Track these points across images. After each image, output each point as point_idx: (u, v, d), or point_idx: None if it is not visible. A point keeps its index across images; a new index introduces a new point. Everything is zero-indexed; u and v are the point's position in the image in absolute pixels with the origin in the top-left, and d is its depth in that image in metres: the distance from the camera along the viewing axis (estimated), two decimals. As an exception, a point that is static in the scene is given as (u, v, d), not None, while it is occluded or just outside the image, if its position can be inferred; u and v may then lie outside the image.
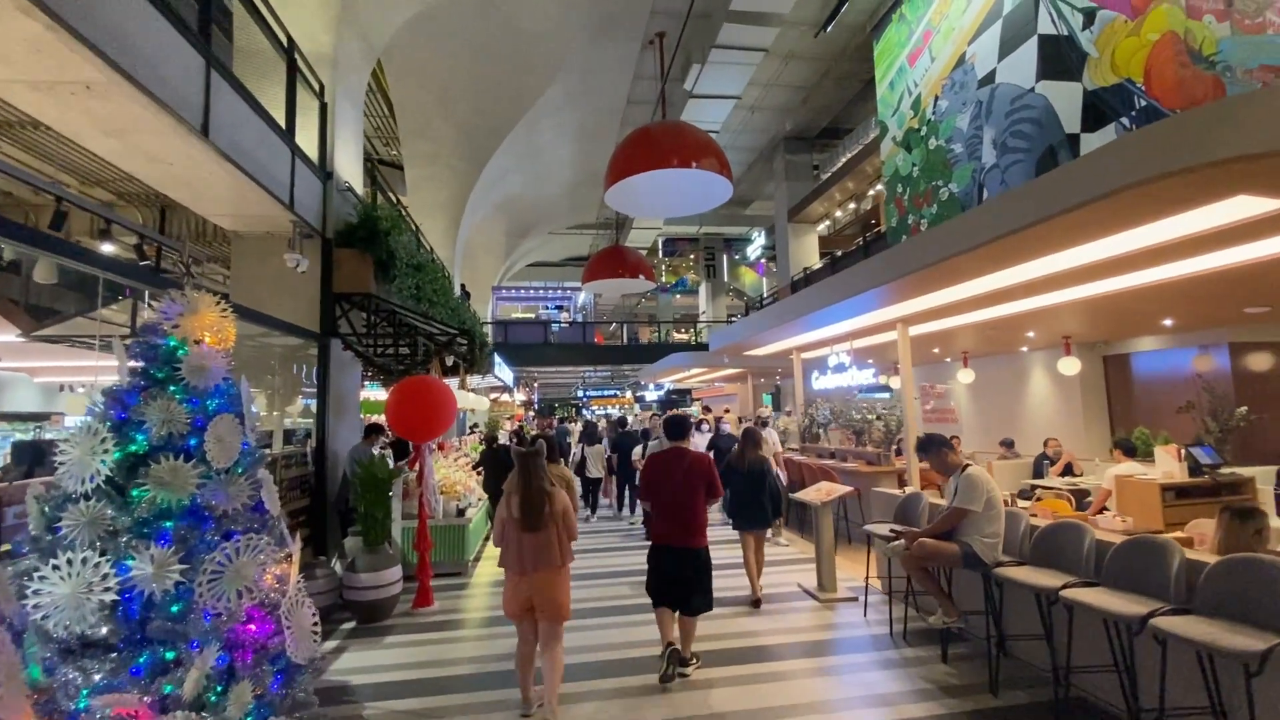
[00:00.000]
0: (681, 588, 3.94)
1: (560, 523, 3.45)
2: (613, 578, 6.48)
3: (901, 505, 5.12)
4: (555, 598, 3.38)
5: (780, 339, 9.48)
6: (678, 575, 3.94)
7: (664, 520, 4.04)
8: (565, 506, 3.50)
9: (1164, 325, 6.76)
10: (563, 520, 3.46)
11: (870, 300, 6.71)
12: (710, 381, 20.52)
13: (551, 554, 3.37)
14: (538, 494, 3.39)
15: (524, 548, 3.36)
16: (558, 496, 3.48)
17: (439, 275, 9.03)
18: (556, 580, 3.40)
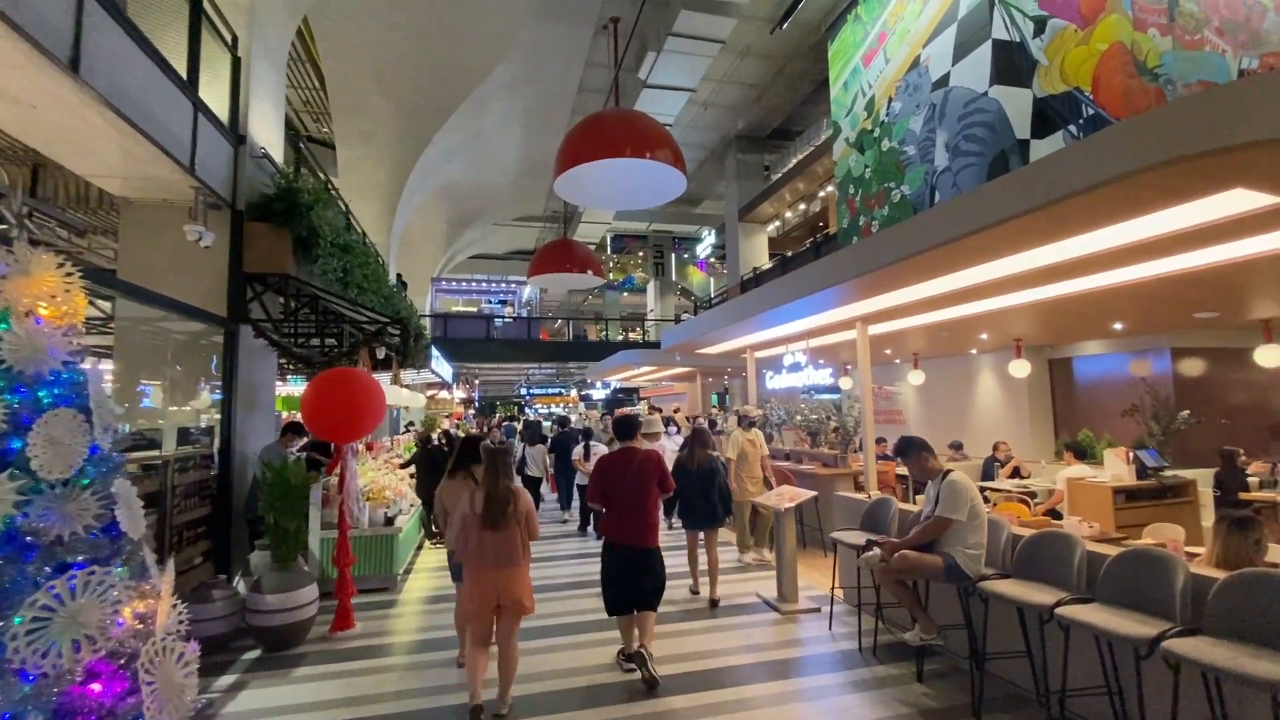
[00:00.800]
0: (639, 586, 3.96)
1: (523, 522, 3.51)
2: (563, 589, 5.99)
3: (869, 511, 4.86)
4: (519, 594, 3.44)
5: (736, 337, 9.20)
6: (635, 575, 3.96)
7: (619, 520, 4.02)
8: (529, 507, 3.57)
9: (1114, 329, 6.85)
10: (526, 520, 3.52)
11: (830, 298, 6.47)
12: (658, 380, 20.21)
13: (514, 552, 3.43)
14: (504, 492, 3.44)
15: (485, 545, 3.39)
16: (522, 496, 3.54)
17: (370, 259, 8.28)
18: (519, 576, 3.47)
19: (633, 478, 3.99)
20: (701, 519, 5.63)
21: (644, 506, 3.98)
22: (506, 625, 3.50)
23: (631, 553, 3.97)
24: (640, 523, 3.97)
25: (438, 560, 7.37)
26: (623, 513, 4.00)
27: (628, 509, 3.98)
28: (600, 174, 3.87)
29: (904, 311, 6.72)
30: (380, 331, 6.19)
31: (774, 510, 5.46)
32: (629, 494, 3.98)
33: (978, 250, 4.35)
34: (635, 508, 3.98)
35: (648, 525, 3.99)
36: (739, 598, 5.63)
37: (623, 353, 16.44)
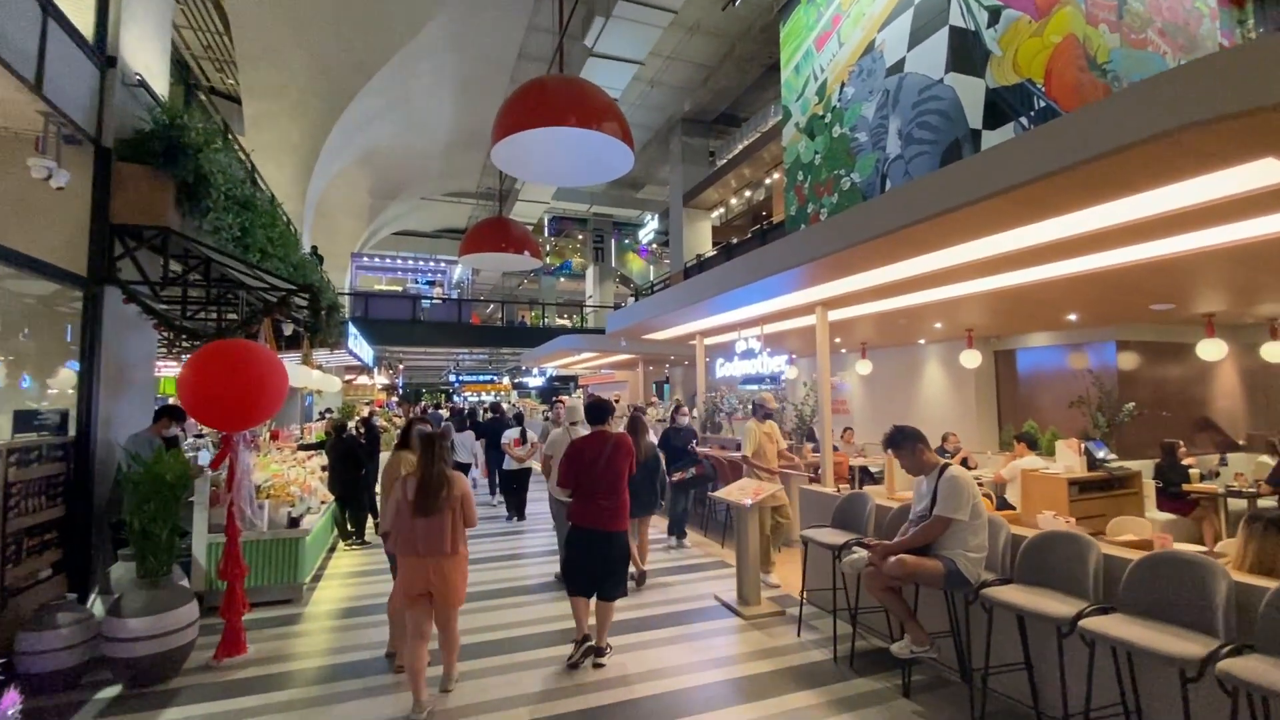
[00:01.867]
0: (602, 573, 3.94)
1: (458, 508, 3.40)
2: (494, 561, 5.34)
3: (842, 507, 4.48)
4: (452, 582, 3.35)
5: (687, 321, 8.73)
6: (601, 560, 3.94)
7: (592, 504, 3.96)
8: (465, 492, 3.44)
9: (1068, 320, 6.83)
10: (461, 506, 3.41)
11: (793, 280, 6.09)
12: (598, 368, 19.59)
13: (444, 540, 3.32)
14: (438, 478, 3.34)
15: (417, 533, 3.30)
16: (457, 482, 3.43)
17: (277, 221, 7.22)
18: (453, 565, 3.36)
19: (606, 462, 3.97)
20: (645, 506, 5.79)
21: (616, 491, 3.98)
22: (442, 615, 3.45)
23: (599, 536, 3.94)
24: (611, 507, 3.96)
25: (353, 563, 6.52)
26: (594, 496, 3.96)
27: (600, 493, 3.96)
28: (542, 143, 3.46)
29: (867, 296, 6.43)
30: (284, 301, 5.26)
31: (737, 506, 5.01)
32: (602, 478, 3.95)
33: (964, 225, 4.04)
34: (607, 491, 3.96)
35: (618, 509, 3.99)
36: (695, 600, 5.16)
37: (563, 338, 15.71)
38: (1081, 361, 8.07)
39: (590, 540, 3.94)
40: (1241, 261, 4.58)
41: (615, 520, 3.95)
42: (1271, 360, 6.82)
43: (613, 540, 3.96)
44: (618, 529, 3.97)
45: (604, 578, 3.95)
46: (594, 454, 3.98)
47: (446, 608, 3.40)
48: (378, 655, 4.14)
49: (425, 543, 3.28)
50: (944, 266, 5.23)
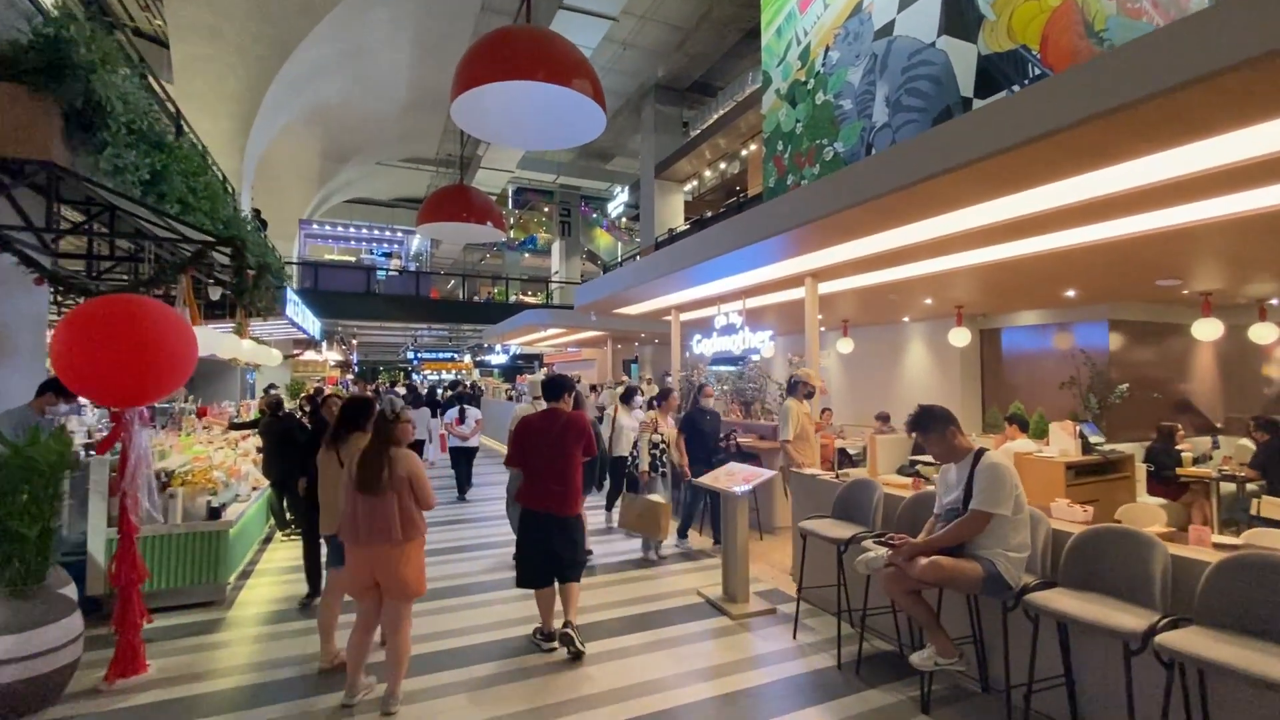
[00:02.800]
0: (559, 557, 3.72)
1: (405, 489, 3.02)
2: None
3: (844, 496, 4.02)
4: (399, 573, 2.99)
5: (662, 294, 8.16)
6: (555, 544, 3.71)
7: (540, 486, 3.74)
8: (413, 471, 3.05)
9: (1066, 296, 6.53)
10: (409, 487, 3.03)
11: (780, 247, 5.59)
12: (564, 346, 18.90)
13: (389, 526, 2.96)
14: (378, 454, 3.00)
15: (359, 514, 2.98)
16: (403, 460, 3.04)
17: (204, 169, 6.32)
18: (399, 555, 2.99)
19: (555, 441, 3.74)
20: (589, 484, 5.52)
21: (566, 471, 3.74)
22: (392, 610, 3.05)
23: (551, 520, 3.72)
24: (561, 488, 3.73)
25: (291, 556, 5.81)
26: (543, 478, 3.73)
27: (548, 474, 3.73)
28: (506, 100, 3.15)
29: (860, 267, 5.99)
30: (201, 255, 4.47)
31: (724, 494, 4.51)
32: (550, 458, 3.73)
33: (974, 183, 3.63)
34: (556, 472, 3.73)
35: (569, 491, 3.75)
36: (677, 597, 4.67)
37: (528, 312, 14.97)
38: (1067, 342, 7.84)
39: (542, 525, 3.72)
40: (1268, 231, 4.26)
41: (565, 504, 3.74)
42: (1260, 342, 6.67)
43: (566, 525, 3.75)
44: (569, 514, 3.76)
45: (564, 566, 3.74)
46: (542, 433, 3.75)
47: (396, 602, 3.03)
48: (311, 671, 3.51)
49: (366, 528, 2.96)
50: (945, 234, 4.81)
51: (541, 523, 3.73)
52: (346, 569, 3.09)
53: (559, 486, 3.73)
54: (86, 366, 3.04)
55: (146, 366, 3.13)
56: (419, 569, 3.09)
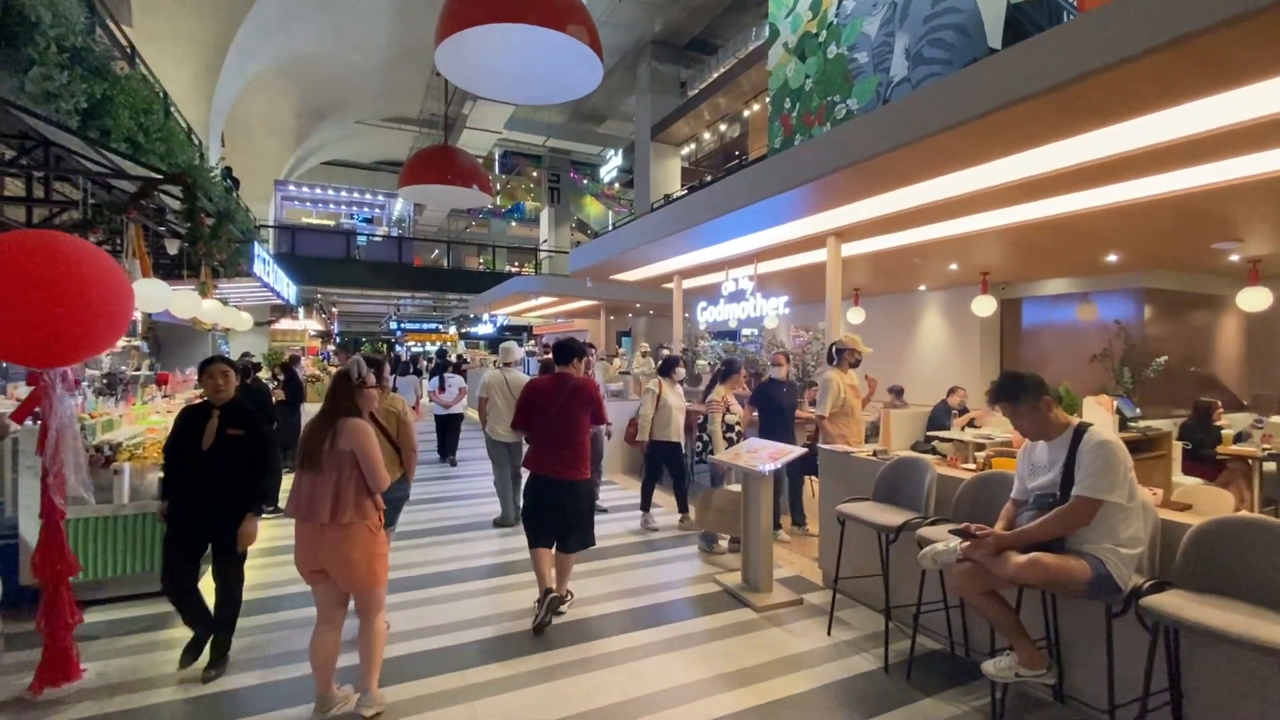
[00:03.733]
0: (561, 523, 3.67)
1: (347, 467, 2.58)
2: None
3: (887, 475, 3.56)
4: (345, 561, 2.54)
5: (664, 258, 7.60)
6: (557, 509, 3.65)
7: (543, 450, 3.67)
8: (361, 446, 2.60)
9: (1107, 262, 6.08)
10: (358, 460, 2.59)
11: (800, 203, 5.05)
12: (554, 317, 18.27)
13: (324, 504, 2.53)
14: (319, 420, 2.64)
15: (301, 490, 2.60)
16: (348, 431, 2.59)
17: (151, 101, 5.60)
18: (343, 538, 2.55)
19: (563, 406, 3.63)
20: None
21: (574, 437, 3.66)
22: (360, 604, 2.67)
23: (557, 486, 3.63)
24: (569, 454, 3.64)
25: (262, 537, 5.27)
26: (550, 443, 3.65)
27: (555, 439, 3.64)
28: (494, 45, 2.85)
29: (887, 225, 5.48)
30: (144, 194, 3.83)
31: (748, 473, 4.03)
32: (558, 423, 3.63)
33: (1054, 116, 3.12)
34: (563, 438, 3.63)
35: (577, 457, 3.67)
36: (690, 584, 4.23)
37: (517, 279, 14.32)
38: (1090, 313, 7.42)
39: (548, 489, 3.64)
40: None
41: (573, 468, 3.64)
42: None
43: (574, 490, 3.66)
44: (578, 478, 3.65)
45: (567, 531, 3.67)
46: (548, 396, 3.64)
47: (355, 594, 2.64)
48: (280, 678, 3.01)
49: (307, 505, 2.57)
50: (994, 185, 4.30)
51: (546, 487, 3.64)
52: (295, 546, 2.64)
53: (569, 451, 3.63)
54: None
55: (66, 319, 2.54)
56: (370, 556, 2.60)
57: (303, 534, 2.59)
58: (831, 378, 4.83)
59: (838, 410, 4.80)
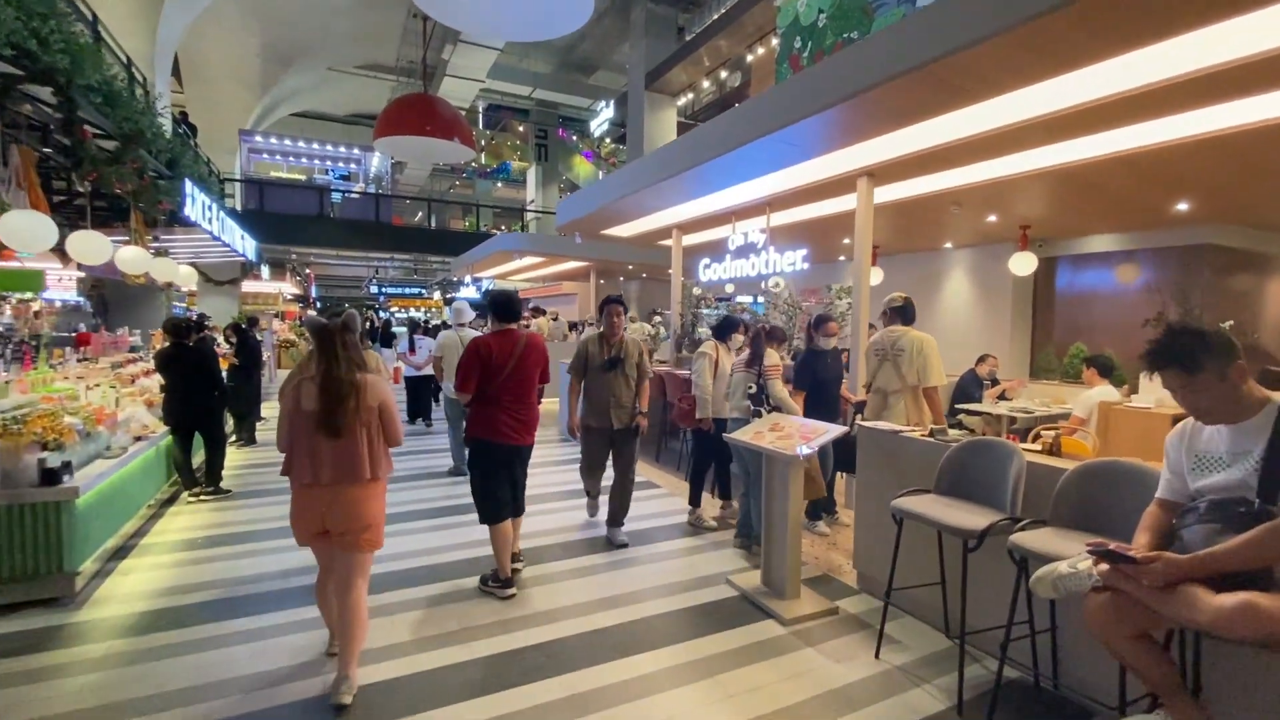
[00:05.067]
0: (519, 490, 3.59)
1: (374, 424, 2.54)
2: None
3: (955, 462, 2.83)
4: (358, 518, 2.47)
5: (663, 206, 6.76)
6: (517, 476, 3.56)
7: (500, 414, 3.38)
8: (384, 401, 2.56)
9: (1176, 211, 5.32)
10: (379, 420, 2.56)
11: (828, 131, 4.22)
12: (541, 280, 17.35)
13: (357, 464, 2.47)
14: (342, 385, 2.45)
15: (320, 454, 2.46)
16: (371, 387, 2.52)
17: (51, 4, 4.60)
18: (363, 496, 2.50)
19: (517, 366, 3.44)
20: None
21: (529, 398, 3.52)
22: (346, 563, 2.52)
23: (514, 453, 3.49)
24: (526, 416, 3.50)
25: (195, 524, 4.51)
26: (504, 406, 3.41)
27: (512, 401, 3.43)
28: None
29: (929, 164, 4.67)
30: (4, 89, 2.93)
31: (775, 457, 3.30)
32: (509, 384, 3.42)
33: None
34: (516, 400, 3.45)
35: (534, 419, 3.57)
36: (696, 586, 3.53)
37: (501, 237, 13.35)
38: (1131, 274, 6.70)
39: (504, 457, 3.44)
40: None
41: (531, 432, 3.53)
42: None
43: (524, 456, 3.58)
44: (527, 442, 3.54)
45: (520, 496, 3.61)
46: (502, 357, 3.39)
47: (350, 552, 2.51)
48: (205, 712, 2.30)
49: (330, 468, 2.46)
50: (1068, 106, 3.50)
51: (503, 455, 3.43)
52: (294, 512, 2.54)
53: (525, 414, 3.47)
54: None
55: None
56: (381, 514, 2.59)
57: (312, 498, 2.48)
58: (932, 339, 3.98)
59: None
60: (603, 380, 4.12)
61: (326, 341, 2.49)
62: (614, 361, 4.13)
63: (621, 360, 4.14)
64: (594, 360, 4.16)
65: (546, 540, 4.26)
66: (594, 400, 4.16)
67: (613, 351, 4.16)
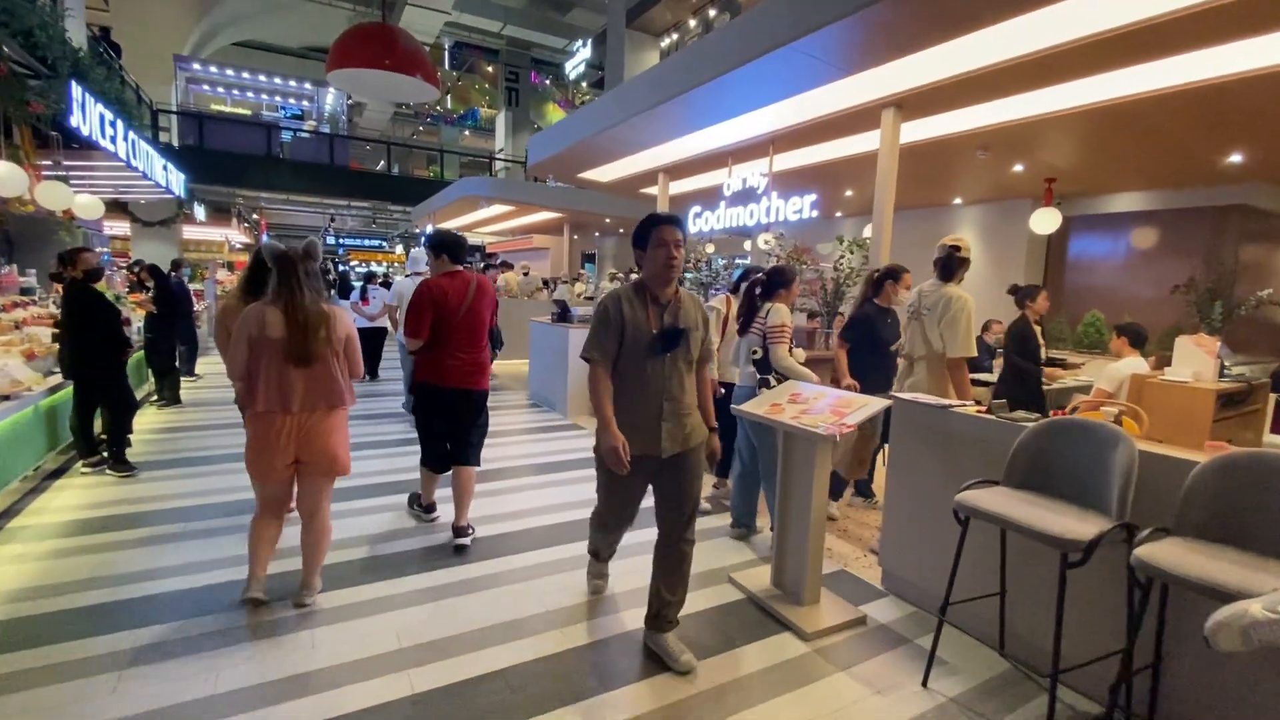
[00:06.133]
0: (463, 439, 3.32)
1: (341, 353, 2.60)
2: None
3: (1032, 449, 2.25)
4: (331, 447, 2.58)
5: (650, 143, 5.98)
6: (466, 425, 3.32)
7: (451, 359, 3.19)
8: (349, 331, 2.64)
9: (1227, 163, 4.78)
10: (346, 350, 2.62)
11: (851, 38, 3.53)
12: (512, 233, 16.33)
13: (334, 391, 2.55)
14: (311, 314, 2.47)
15: (291, 383, 2.47)
16: (339, 318, 2.59)
17: None
18: (336, 424, 2.60)
19: (471, 308, 3.21)
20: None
21: (481, 341, 3.30)
22: (314, 489, 2.62)
23: (466, 398, 3.26)
24: (474, 361, 3.26)
25: (86, 502, 3.72)
26: (451, 348, 3.19)
27: (464, 344, 3.22)
28: None
29: (964, 93, 4.01)
30: None
31: (799, 435, 2.68)
32: (462, 327, 3.19)
33: None
34: (468, 343, 3.23)
35: (486, 362, 3.34)
36: (697, 589, 2.94)
37: (464, 181, 12.31)
38: (1149, 238, 6.22)
39: (453, 403, 3.26)
40: None
41: (484, 376, 3.35)
42: None
43: (474, 400, 3.33)
44: (480, 387, 3.33)
45: (465, 445, 3.35)
46: (456, 299, 3.19)
47: (324, 477, 2.61)
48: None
49: (303, 396, 2.47)
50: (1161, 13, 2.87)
51: (452, 401, 3.23)
52: (254, 442, 2.52)
53: (469, 357, 3.24)
54: None
55: None
56: (347, 441, 2.69)
57: (284, 427, 2.48)
58: (967, 299, 3.31)
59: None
60: (647, 369, 2.26)
61: (289, 268, 2.46)
62: (672, 336, 2.26)
63: (684, 334, 2.28)
64: (635, 332, 2.26)
65: (511, 526, 3.61)
66: (632, 406, 2.27)
67: (669, 318, 2.29)
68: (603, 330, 2.25)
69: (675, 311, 2.29)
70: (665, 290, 2.29)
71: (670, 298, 2.30)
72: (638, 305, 2.27)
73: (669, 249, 2.22)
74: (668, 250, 2.22)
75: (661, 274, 2.24)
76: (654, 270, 2.26)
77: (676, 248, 2.23)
